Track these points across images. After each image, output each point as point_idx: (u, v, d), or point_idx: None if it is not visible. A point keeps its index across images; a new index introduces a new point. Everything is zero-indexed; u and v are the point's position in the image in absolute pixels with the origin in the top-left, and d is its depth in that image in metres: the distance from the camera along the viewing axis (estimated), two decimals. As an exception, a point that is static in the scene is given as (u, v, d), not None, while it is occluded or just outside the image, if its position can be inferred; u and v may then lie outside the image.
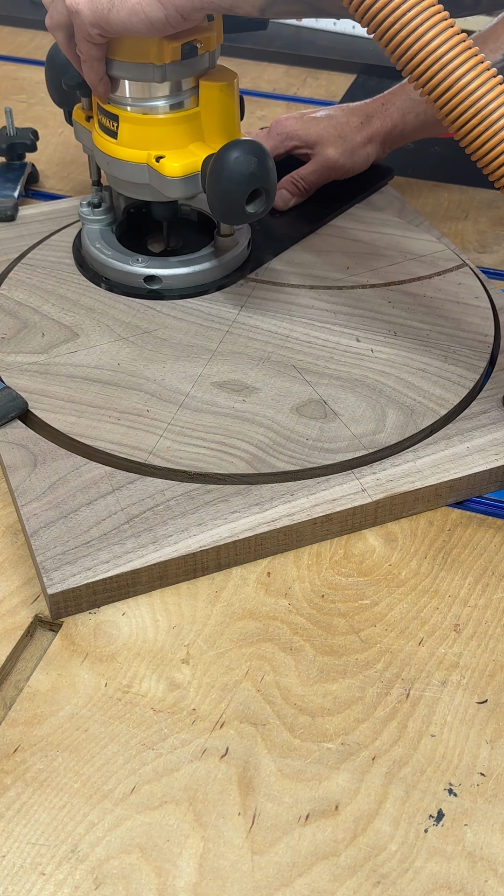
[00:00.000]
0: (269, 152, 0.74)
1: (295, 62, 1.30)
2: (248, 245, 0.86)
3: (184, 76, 0.75)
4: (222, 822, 0.51)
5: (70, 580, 0.59)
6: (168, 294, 0.82)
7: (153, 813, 0.51)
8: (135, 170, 0.78)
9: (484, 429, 0.70)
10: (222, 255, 0.83)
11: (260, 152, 0.73)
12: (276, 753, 0.53)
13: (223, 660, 0.58)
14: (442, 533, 0.66)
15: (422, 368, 0.75)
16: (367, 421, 0.70)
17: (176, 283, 0.82)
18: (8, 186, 0.96)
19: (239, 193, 0.73)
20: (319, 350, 0.77)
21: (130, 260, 0.83)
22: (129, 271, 0.82)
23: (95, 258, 0.84)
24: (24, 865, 0.49)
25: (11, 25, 1.39)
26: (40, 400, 0.71)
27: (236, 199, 0.73)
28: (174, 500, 0.64)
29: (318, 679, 0.57)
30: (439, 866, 0.49)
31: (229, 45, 1.30)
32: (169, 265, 0.82)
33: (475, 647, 0.59)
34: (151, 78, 0.74)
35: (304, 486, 0.66)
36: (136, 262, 0.82)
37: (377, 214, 0.94)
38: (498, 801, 0.52)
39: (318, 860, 0.49)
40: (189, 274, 0.82)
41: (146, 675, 0.57)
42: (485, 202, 1.00)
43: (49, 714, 0.55)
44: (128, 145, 0.78)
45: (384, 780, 0.52)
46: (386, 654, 0.58)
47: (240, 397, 0.72)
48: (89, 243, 0.85)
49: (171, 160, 0.76)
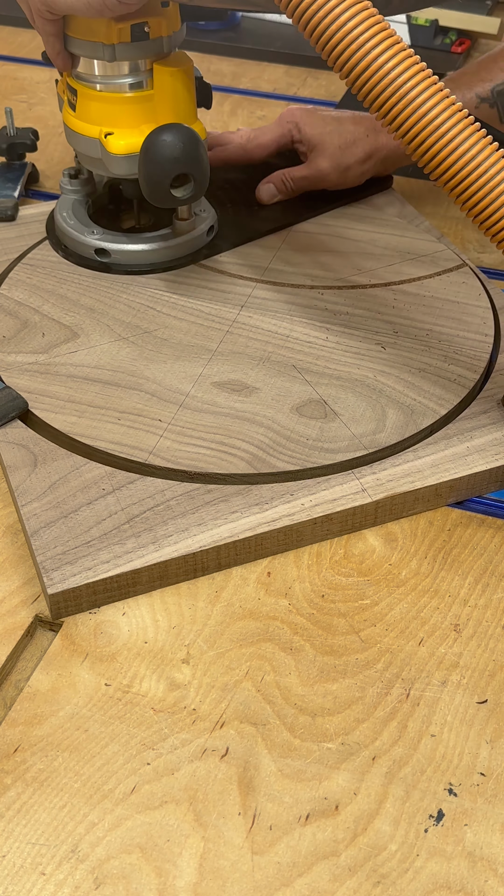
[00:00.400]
0: (200, 140, 0.76)
1: (295, 62, 1.30)
2: (209, 232, 0.88)
3: (134, 58, 0.77)
4: (222, 822, 0.51)
5: (70, 580, 0.59)
6: (116, 268, 0.85)
7: (153, 813, 0.51)
8: (89, 144, 0.81)
9: (484, 429, 0.70)
10: (175, 239, 0.85)
11: (189, 139, 0.75)
12: (276, 753, 0.53)
13: (223, 660, 0.58)
14: (442, 533, 0.66)
15: (422, 368, 0.75)
16: (367, 421, 0.70)
17: (123, 258, 0.85)
18: (8, 186, 0.96)
19: (162, 176, 0.75)
20: (319, 350, 0.77)
21: (87, 231, 0.85)
22: (82, 242, 0.85)
23: (58, 226, 0.88)
24: (25, 865, 0.49)
25: (11, 25, 1.39)
26: (40, 400, 0.71)
27: (160, 181, 0.76)
28: (174, 500, 0.64)
29: (319, 679, 0.57)
30: (439, 866, 0.49)
31: (230, 45, 1.31)
32: (118, 240, 0.85)
33: (475, 647, 0.59)
34: (102, 56, 0.77)
35: (304, 486, 0.66)
36: (91, 234, 0.85)
37: (377, 214, 0.94)
38: (498, 801, 0.52)
39: (318, 860, 0.49)
40: (136, 251, 0.85)
41: (146, 675, 0.57)
42: (485, 202, 1.00)
43: (49, 714, 0.55)
44: (84, 119, 0.81)
45: (384, 780, 0.52)
46: (386, 654, 0.58)
47: (240, 397, 0.72)
48: (58, 211, 0.88)
49: (117, 138, 0.79)
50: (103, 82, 0.78)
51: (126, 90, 0.78)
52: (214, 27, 1.33)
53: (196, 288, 0.83)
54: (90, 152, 0.81)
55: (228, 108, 1.18)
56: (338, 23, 0.59)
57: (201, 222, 0.87)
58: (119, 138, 0.79)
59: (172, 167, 0.75)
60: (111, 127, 0.79)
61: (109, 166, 0.80)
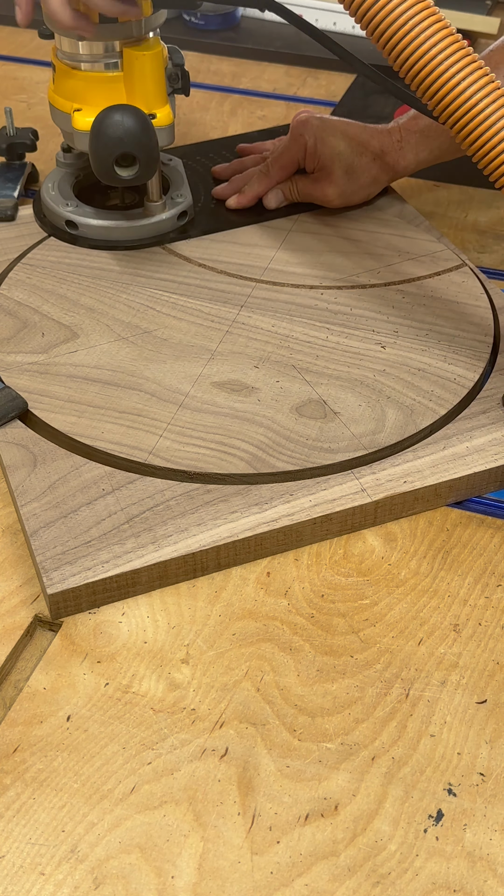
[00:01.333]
0: (149, 123, 0.79)
1: (295, 62, 1.29)
2: (181, 217, 0.89)
3: (102, 39, 0.79)
4: (222, 822, 0.51)
5: (70, 580, 0.59)
6: (81, 242, 0.88)
7: (153, 813, 0.51)
8: (63, 118, 0.84)
9: (484, 429, 0.70)
10: (144, 219, 0.87)
11: (136, 120, 0.77)
12: (275, 753, 0.53)
13: (223, 660, 0.58)
14: (442, 533, 0.66)
15: (422, 368, 0.75)
16: (366, 421, 0.70)
17: (90, 232, 0.87)
18: (8, 186, 0.95)
19: (105, 154, 0.78)
20: (319, 350, 0.77)
21: (62, 203, 0.89)
22: (56, 212, 0.88)
23: (41, 196, 0.91)
24: (24, 865, 0.49)
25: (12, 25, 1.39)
26: (40, 400, 0.71)
27: (104, 159, 0.78)
28: (174, 500, 0.64)
29: (318, 679, 0.57)
30: (439, 866, 0.49)
31: (230, 45, 1.31)
32: (87, 215, 0.88)
33: (475, 647, 0.59)
34: (71, 35, 0.79)
35: (304, 486, 0.66)
36: (65, 207, 0.88)
37: (377, 214, 0.94)
38: (497, 801, 0.52)
39: (317, 860, 0.49)
40: (102, 227, 0.87)
41: (146, 675, 0.57)
42: (485, 202, 1.00)
43: (49, 714, 0.55)
44: (60, 95, 0.84)
45: (384, 780, 0.52)
46: (385, 654, 0.58)
47: (239, 397, 0.72)
48: (45, 181, 0.92)
49: (83, 114, 0.81)
50: (76, 60, 0.81)
51: (97, 69, 0.81)
52: (214, 27, 1.33)
53: (196, 288, 0.83)
54: (65, 126, 0.84)
55: (228, 108, 1.18)
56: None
57: (174, 206, 0.89)
58: (85, 115, 0.81)
59: (116, 146, 0.77)
60: (80, 104, 0.82)
61: (75, 141, 0.84)
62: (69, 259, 0.86)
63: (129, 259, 0.86)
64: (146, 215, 0.88)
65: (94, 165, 0.79)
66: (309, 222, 0.93)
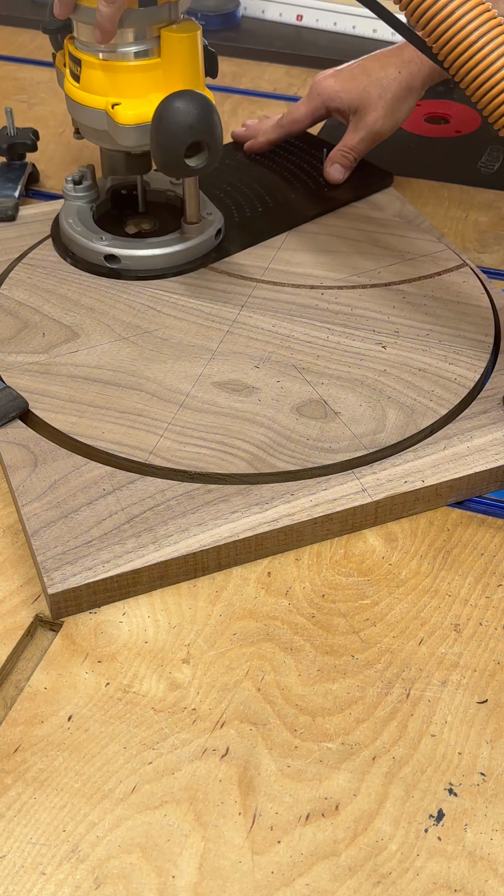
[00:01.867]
0: (214, 107, 0.75)
1: (295, 62, 1.29)
2: (217, 234, 0.87)
3: (142, 24, 0.75)
4: (223, 821, 0.51)
5: (70, 580, 0.59)
6: (126, 274, 0.84)
7: (153, 813, 0.51)
8: (95, 115, 0.79)
9: (484, 429, 0.70)
10: (184, 242, 0.84)
11: (203, 105, 0.73)
12: (276, 753, 0.53)
13: (223, 659, 0.58)
14: (442, 533, 0.66)
15: (422, 368, 0.75)
16: (367, 421, 0.70)
17: (134, 264, 0.84)
18: (8, 186, 0.96)
19: (176, 144, 0.74)
20: (319, 350, 0.77)
21: (95, 237, 0.85)
22: (92, 248, 0.84)
23: (65, 233, 0.86)
24: (25, 865, 0.49)
25: (12, 25, 1.39)
26: (41, 400, 0.71)
27: (174, 150, 0.74)
28: (174, 500, 0.64)
29: (319, 679, 0.57)
30: (439, 866, 0.49)
31: (230, 45, 1.31)
32: (129, 246, 0.84)
33: (475, 647, 0.59)
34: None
35: (305, 486, 0.66)
36: (100, 241, 0.84)
37: (377, 214, 0.94)
38: (498, 801, 0.52)
39: (318, 860, 0.49)
40: (147, 257, 0.84)
41: (146, 674, 0.57)
42: (485, 202, 1.00)
43: (49, 714, 0.55)
44: (89, 90, 0.79)
45: (384, 780, 0.52)
46: (386, 654, 0.58)
47: (240, 397, 0.72)
48: (63, 218, 0.87)
49: (125, 108, 0.77)
50: (109, 51, 0.76)
51: (132, 58, 0.76)
52: (215, 27, 1.33)
53: (196, 288, 0.83)
54: (95, 124, 0.79)
55: (229, 108, 1.18)
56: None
57: (209, 225, 0.86)
58: (127, 108, 0.77)
59: (187, 135, 0.73)
60: (118, 97, 0.77)
61: (117, 137, 0.78)
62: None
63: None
64: (185, 238, 0.85)
65: (162, 159, 0.75)
66: (309, 222, 0.93)
